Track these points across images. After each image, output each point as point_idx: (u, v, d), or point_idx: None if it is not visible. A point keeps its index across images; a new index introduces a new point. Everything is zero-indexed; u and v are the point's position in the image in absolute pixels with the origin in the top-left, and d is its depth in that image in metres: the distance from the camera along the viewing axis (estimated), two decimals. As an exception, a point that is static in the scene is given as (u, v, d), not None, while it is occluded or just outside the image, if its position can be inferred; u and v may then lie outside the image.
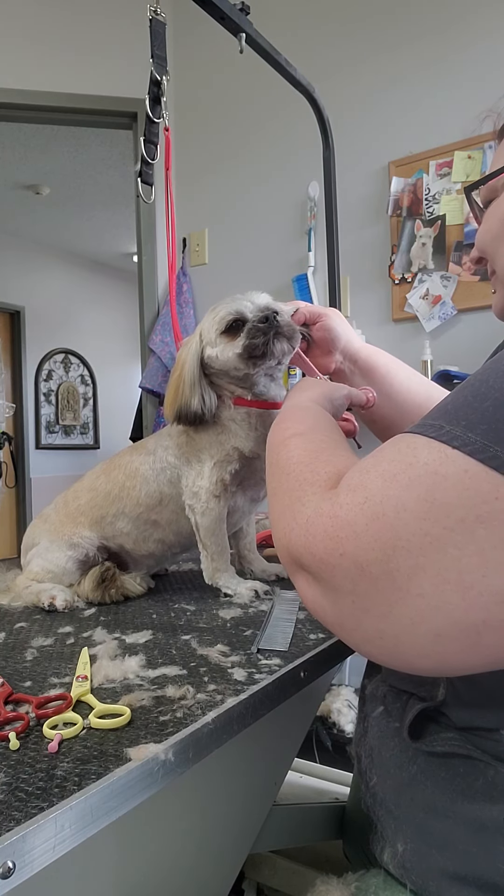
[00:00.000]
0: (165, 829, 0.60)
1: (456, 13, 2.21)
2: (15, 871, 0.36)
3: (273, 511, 0.54)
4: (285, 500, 0.51)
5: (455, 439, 0.40)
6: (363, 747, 0.62)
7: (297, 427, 0.63)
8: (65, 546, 0.99)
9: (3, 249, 5.61)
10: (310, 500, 0.48)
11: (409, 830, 0.53)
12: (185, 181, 2.92)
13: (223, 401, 0.95)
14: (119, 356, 6.63)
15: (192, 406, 0.92)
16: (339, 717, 1.82)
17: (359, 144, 2.39)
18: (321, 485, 0.49)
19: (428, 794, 0.51)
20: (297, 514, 0.48)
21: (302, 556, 0.46)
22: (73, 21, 2.82)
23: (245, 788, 0.74)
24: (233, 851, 0.74)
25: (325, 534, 0.44)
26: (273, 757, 0.81)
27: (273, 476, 0.58)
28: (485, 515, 0.38)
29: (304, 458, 0.55)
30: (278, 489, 0.54)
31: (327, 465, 0.52)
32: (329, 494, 0.46)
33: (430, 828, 0.51)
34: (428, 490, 0.40)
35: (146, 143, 1.11)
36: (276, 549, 0.53)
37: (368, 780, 0.59)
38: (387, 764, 0.56)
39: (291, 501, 0.50)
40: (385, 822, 0.57)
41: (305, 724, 0.90)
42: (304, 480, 0.51)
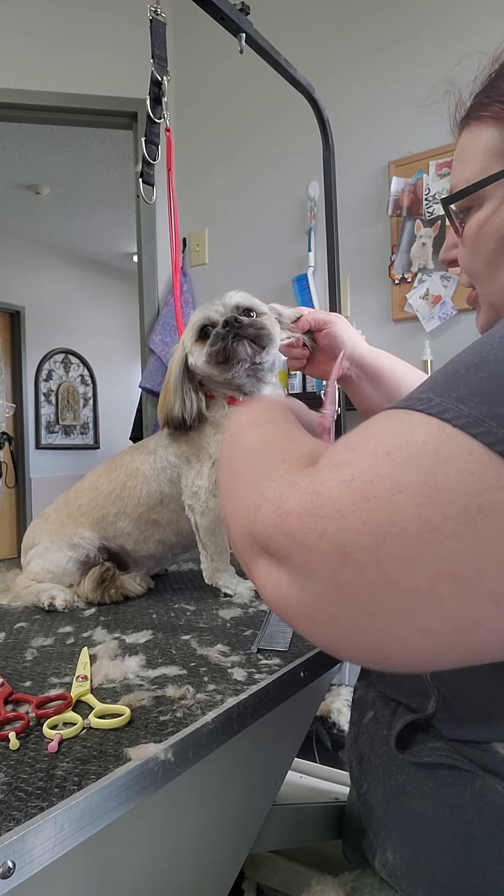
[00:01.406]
0: (165, 828, 0.60)
1: (456, 13, 2.21)
2: (15, 871, 0.36)
3: (231, 491, 0.47)
4: (249, 478, 0.44)
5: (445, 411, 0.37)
6: (354, 753, 0.61)
7: (262, 415, 0.57)
8: (65, 546, 0.99)
9: (3, 249, 5.61)
10: (282, 476, 0.42)
11: (398, 840, 0.53)
12: (184, 181, 2.92)
13: (218, 401, 0.96)
14: (119, 356, 6.63)
15: (174, 411, 0.95)
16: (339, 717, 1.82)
17: (359, 144, 2.39)
18: (295, 462, 0.43)
19: (416, 804, 0.51)
20: (267, 490, 0.41)
21: (271, 535, 0.40)
22: (73, 21, 2.82)
23: (245, 788, 0.74)
24: (232, 851, 0.74)
25: (303, 510, 0.38)
26: (273, 757, 0.81)
27: (232, 457, 0.51)
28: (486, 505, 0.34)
29: (272, 439, 0.49)
30: (240, 468, 0.47)
31: (300, 445, 0.46)
32: (307, 471, 0.40)
33: (419, 838, 0.51)
34: (428, 472, 0.35)
35: (147, 143, 1.11)
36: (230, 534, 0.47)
37: (359, 787, 0.58)
38: (376, 772, 0.56)
39: (257, 478, 0.43)
40: (376, 829, 0.56)
41: (305, 724, 0.90)
42: (273, 458, 0.45)
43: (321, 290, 2.50)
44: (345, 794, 1.15)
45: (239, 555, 0.45)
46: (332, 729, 1.86)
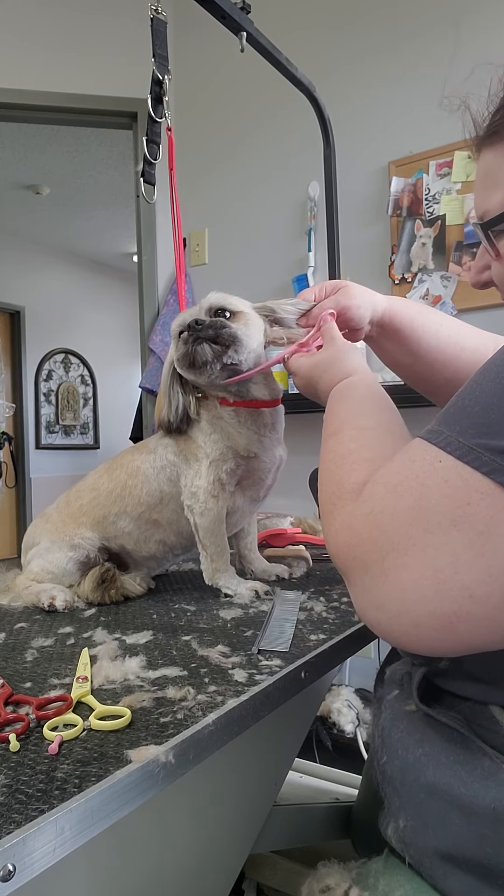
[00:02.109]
0: (166, 830, 0.60)
1: (456, 12, 2.21)
2: (15, 874, 0.36)
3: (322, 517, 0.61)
4: (325, 510, 0.59)
5: (449, 444, 0.46)
6: (377, 728, 0.65)
7: (332, 424, 0.67)
8: (66, 547, 0.99)
9: (3, 249, 5.61)
10: (339, 513, 0.55)
11: (410, 808, 0.56)
12: (184, 181, 2.91)
13: (211, 401, 0.96)
14: (119, 356, 6.63)
15: (162, 414, 0.96)
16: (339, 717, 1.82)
17: (359, 144, 2.39)
18: (346, 497, 0.55)
19: (429, 776, 0.55)
20: (331, 527, 0.56)
21: (337, 562, 0.55)
22: (73, 21, 2.82)
23: (245, 789, 0.74)
24: (233, 851, 0.74)
25: (346, 544, 0.52)
26: (273, 757, 0.81)
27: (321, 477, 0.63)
28: (458, 519, 0.44)
29: (335, 464, 0.61)
30: (322, 497, 0.60)
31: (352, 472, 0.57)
32: (351, 507, 0.54)
33: (429, 808, 0.54)
34: (416, 499, 0.47)
35: (148, 142, 1.11)
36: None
37: (379, 759, 0.61)
38: (395, 745, 0.59)
39: (327, 514, 0.58)
40: (391, 798, 0.59)
41: (306, 725, 0.90)
42: (334, 494, 0.57)
43: (321, 289, 2.50)
44: (345, 793, 1.15)
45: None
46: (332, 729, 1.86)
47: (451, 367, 0.87)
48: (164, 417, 0.96)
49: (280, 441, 0.99)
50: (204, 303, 0.93)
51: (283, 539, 1.25)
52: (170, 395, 0.96)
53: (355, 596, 0.53)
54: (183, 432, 0.97)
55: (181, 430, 0.97)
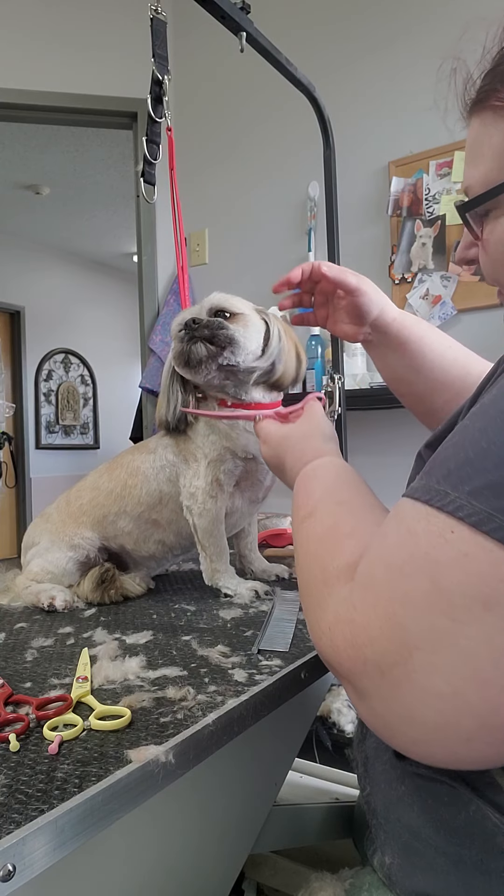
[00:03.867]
0: (166, 829, 0.60)
1: (456, 12, 2.20)
2: (15, 874, 0.36)
3: (305, 612, 0.52)
4: (309, 604, 0.50)
5: (461, 510, 0.38)
6: (360, 754, 0.62)
7: (307, 504, 0.59)
8: (65, 547, 0.99)
9: (3, 249, 5.61)
10: (328, 603, 0.46)
11: (396, 846, 0.54)
12: (184, 181, 2.91)
13: (210, 402, 0.97)
14: (119, 356, 6.63)
15: (161, 413, 0.97)
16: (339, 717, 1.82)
17: (359, 144, 2.39)
18: (334, 582, 0.47)
19: (414, 817, 0.51)
20: (321, 621, 0.46)
21: (333, 665, 0.45)
22: (73, 21, 2.82)
23: (245, 789, 0.74)
24: (233, 852, 0.74)
25: (346, 641, 0.42)
26: (273, 757, 0.80)
27: (298, 568, 0.56)
28: (491, 600, 0.36)
29: (314, 547, 0.53)
30: (303, 585, 0.53)
31: (335, 552, 0.49)
32: (345, 594, 0.44)
33: (415, 849, 0.51)
34: (431, 581, 0.38)
35: (148, 142, 1.11)
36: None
37: (363, 789, 0.59)
38: (378, 778, 0.56)
39: (313, 606, 0.48)
40: (376, 830, 0.57)
41: (306, 725, 0.90)
42: (318, 580, 0.49)
43: (321, 289, 2.50)
44: (345, 793, 1.15)
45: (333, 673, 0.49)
46: (333, 729, 1.85)
47: (452, 390, 0.83)
48: (162, 416, 0.97)
49: None
50: (205, 302, 0.93)
51: (283, 539, 1.25)
52: (169, 395, 0.97)
53: (372, 711, 0.42)
54: (182, 432, 0.97)
55: (180, 430, 0.97)
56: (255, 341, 0.92)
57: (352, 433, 1.92)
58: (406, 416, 0.68)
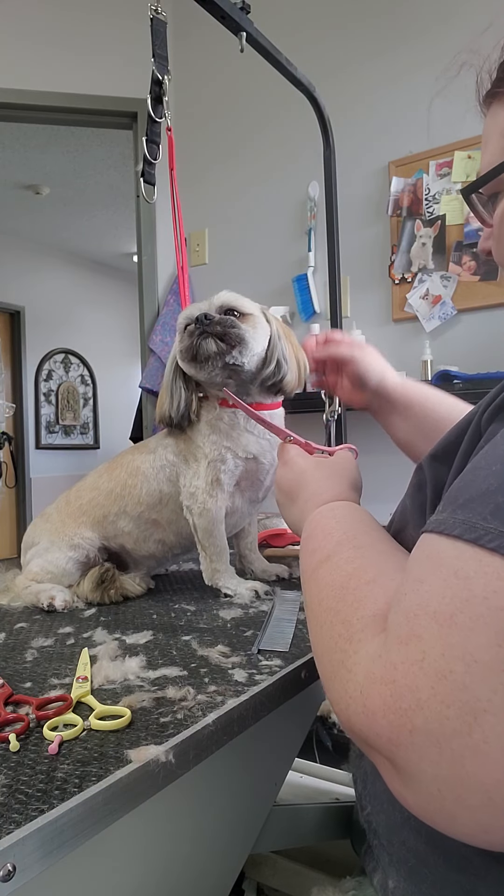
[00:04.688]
0: (166, 829, 0.60)
1: (456, 13, 2.21)
2: (16, 874, 0.36)
3: (321, 674, 0.45)
4: (329, 665, 0.43)
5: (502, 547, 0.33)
6: (359, 770, 0.60)
7: (323, 547, 0.53)
8: (65, 547, 0.99)
9: (3, 249, 5.61)
10: (354, 662, 0.39)
11: (401, 870, 0.51)
12: (184, 181, 2.91)
13: (211, 401, 0.96)
14: (119, 356, 6.63)
15: (164, 409, 0.96)
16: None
17: (359, 144, 2.39)
18: (360, 637, 0.40)
19: (421, 843, 0.48)
20: (348, 684, 0.39)
21: (368, 737, 0.37)
22: (73, 21, 2.82)
23: (245, 789, 0.74)
24: (233, 852, 0.74)
25: (386, 707, 0.35)
26: (273, 757, 0.80)
27: (310, 624, 0.49)
28: None
29: (333, 598, 0.46)
30: (319, 646, 0.46)
31: (359, 603, 0.43)
32: (376, 649, 0.38)
33: (423, 876, 0.48)
34: (495, 632, 0.32)
35: (148, 142, 1.11)
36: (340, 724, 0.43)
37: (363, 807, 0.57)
38: (381, 797, 0.53)
39: (336, 666, 0.41)
40: (378, 851, 0.55)
41: (306, 725, 0.90)
42: (339, 636, 0.42)
43: (321, 290, 2.50)
44: (345, 793, 1.15)
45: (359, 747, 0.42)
46: (333, 729, 1.85)
47: None
48: (164, 412, 0.96)
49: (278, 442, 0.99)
50: (215, 300, 0.93)
51: (283, 539, 1.25)
52: (171, 391, 0.96)
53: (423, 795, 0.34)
54: (183, 429, 0.97)
55: (181, 427, 0.96)
56: (261, 343, 0.92)
57: (352, 433, 1.92)
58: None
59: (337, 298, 1.76)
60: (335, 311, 1.72)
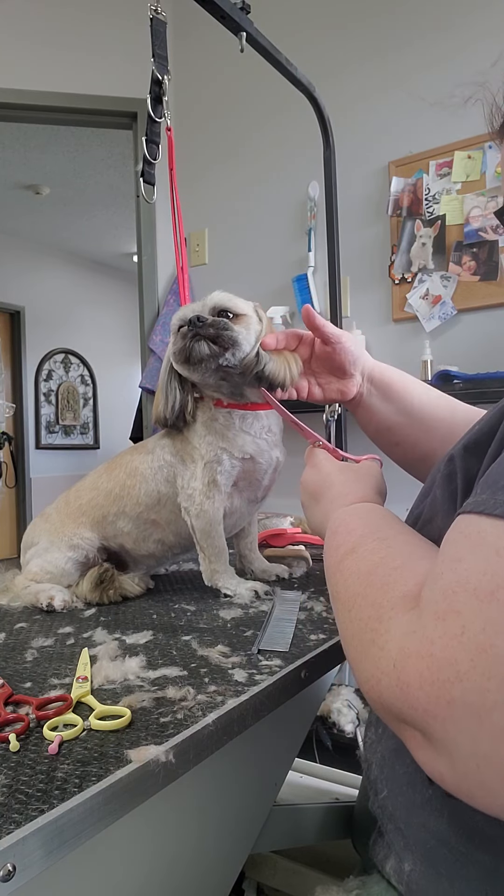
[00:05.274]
0: (166, 829, 0.60)
1: (456, 13, 2.21)
2: (16, 874, 0.36)
3: (349, 657, 0.46)
4: (358, 645, 0.44)
5: None
6: (374, 755, 0.59)
7: (347, 541, 0.54)
8: (65, 547, 0.99)
9: (3, 249, 5.61)
10: (386, 639, 0.40)
11: (418, 853, 0.51)
12: (184, 181, 2.92)
13: (206, 402, 0.96)
14: (119, 356, 6.63)
15: (159, 410, 0.96)
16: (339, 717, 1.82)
17: (359, 144, 2.39)
18: (390, 616, 0.41)
19: (443, 823, 0.48)
20: (380, 660, 0.39)
21: (402, 710, 0.37)
22: (73, 21, 2.82)
23: (245, 789, 0.74)
24: (233, 852, 0.74)
25: (423, 679, 0.35)
26: (273, 757, 0.81)
27: (337, 613, 0.50)
28: None
29: (360, 585, 0.47)
30: (347, 631, 0.47)
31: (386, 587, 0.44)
32: (409, 625, 0.39)
33: (442, 856, 0.48)
34: None
35: (148, 142, 1.11)
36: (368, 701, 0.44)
37: (378, 791, 0.57)
38: (400, 780, 0.53)
39: (365, 644, 0.42)
40: (393, 836, 0.55)
41: (306, 725, 0.90)
42: (369, 617, 0.43)
43: (321, 290, 2.50)
44: (345, 793, 1.15)
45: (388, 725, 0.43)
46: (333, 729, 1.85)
47: (445, 426, 0.82)
48: (160, 413, 0.96)
49: (277, 443, 0.99)
50: (208, 301, 0.93)
51: (283, 539, 1.25)
52: (167, 391, 0.96)
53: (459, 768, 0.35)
54: (179, 430, 0.97)
55: (177, 427, 0.96)
56: (253, 343, 0.92)
57: (352, 433, 1.92)
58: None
59: (337, 298, 1.76)
60: (335, 311, 1.72)
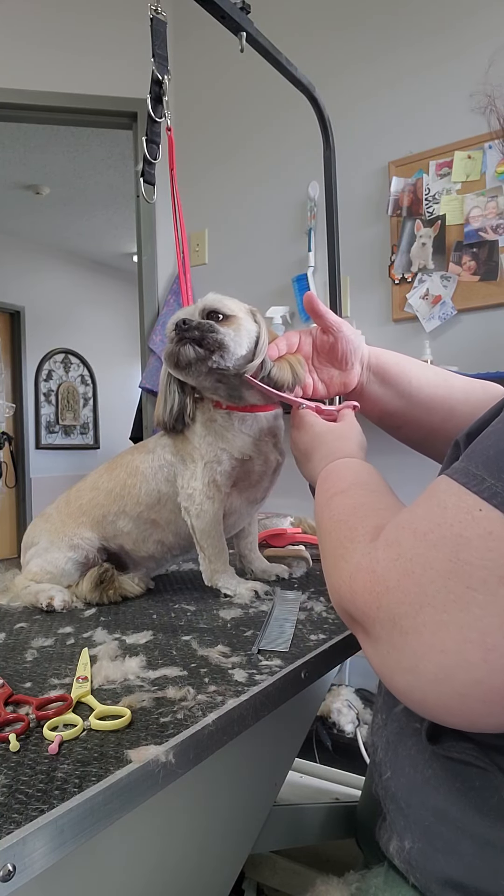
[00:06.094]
0: (166, 830, 0.60)
1: (456, 13, 2.21)
2: (16, 874, 0.36)
3: (325, 569, 0.57)
4: (331, 559, 0.54)
5: (494, 495, 0.41)
6: (380, 739, 0.61)
7: (338, 485, 0.65)
8: (65, 547, 0.99)
9: (3, 249, 5.61)
10: (351, 555, 0.51)
11: (417, 830, 0.53)
12: (184, 181, 2.92)
13: (206, 403, 0.96)
14: (119, 356, 6.63)
15: (158, 413, 0.96)
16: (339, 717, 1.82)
17: (359, 144, 2.39)
18: (360, 539, 0.52)
19: (440, 799, 0.51)
20: (342, 571, 0.51)
21: (350, 609, 0.49)
22: (73, 21, 2.82)
23: (245, 789, 0.74)
24: (233, 852, 0.74)
25: (365, 588, 0.47)
26: (273, 757, 0.81)
27: (321, 536, 0.60)
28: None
29: (344, 514, 0.57)
30: (326, 548, 0.57)
31: (365, 518, 0.55)
32: (368, 548, 0.49)
33: (439, 832, 0.51)
34: (453, 550, 0.41)
35: (148, 142, 1.11)
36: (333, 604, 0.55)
37: (382, 773, 0.58)
38: (402, 762, 0.56)
39: (336, 559, 0.53)
40: (395, 816, 0.56)
41: (306, 725, 0.90)
42: (344, 538, 0.54)
43: (321, 290, 2.50)
44: (345, 793, 1.15)
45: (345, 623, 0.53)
46: (332, 729, 1.86)
47: (445, 406, 0.84)
48: (159, 416, 0.97)
49: (278, 444, 0.99)
50: (199, 303, 0.93)
51: (283, 539, 1.25)
52: (166, 394, 0.96)
53: (379, 654, 0.47)
54: (179, 432, 0.97)
55: (177, 430, 0.96)
56: (245, 346, 0.91)
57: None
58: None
59: (337, 298, 1.76)
60: (335, 311, 1.72)
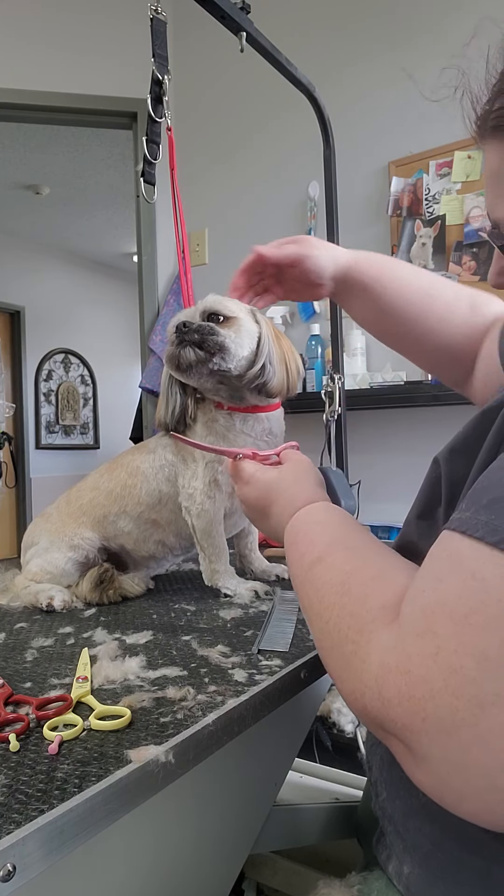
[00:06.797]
0: (166, 829, 0.60)
1: (456, 13, 2.20)
2: (16, 874, 0.36)
3: (329, 668, 0.47)
4: (339, 658, 0.45)
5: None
6: (374, 757, 0.60)
7: (313, 550, 0.54)
8: (65, 547, 0.99)
9: (3, 249, 5.61)
10: (367, 653, 0.41)
11: (416, 856, 0.51)
12: (184, 181, 2.91)
13: (207, 404, 0.97)
14: (119, 356, 6.63)
15: (160, 414, 0.97)
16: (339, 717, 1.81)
17: (359, 144, 2.39)
18: (371, 629, 0.42)
19: (437, 828, 0.49)
20: (362, 674, 0.41)
21: (384, 722, 0.39)
22: (73, 21, 2.82)
23: (245, 789, 0.74)
24: (233, 852, 0.74)
25: (401, 695, 0.37)
26: (273, 757, 0.80)
27: (311, 623, 0.50)
28: None
29: (336, 594, 0.47)
30: (326, 643, 0.47)
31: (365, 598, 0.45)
32: (389, 640, 0.40)
33: (438, 861, 0.49)
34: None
35: (148, 142, 1.11)
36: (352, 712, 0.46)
37: (378, 793, 0.57)
38: (397, 784, 0.54)
39: (347, 657, 0.43)
40: (393, 838, 0.55)
41: (306, 725, 0.90)
42: (349, 628, 0.44)
43: (321, 289, 2.50)
44: (345, 793, 1.15)
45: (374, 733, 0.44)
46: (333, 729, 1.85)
47: (420, 325, 0.83)
48: (161, 417, 0.97)
49: (279, 445, 0.99)
50: (200, 305, 0.93)
51: (283, 539, 1.24)
52: (168, 396, 0.97)
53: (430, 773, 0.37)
54: (180, 433, 0.97)
55: (178, 431, 0.97)
56: (247, 346, 0.91)
57: (352, 433, 1.92)
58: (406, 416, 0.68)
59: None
60: (335, 311, 1.72)
